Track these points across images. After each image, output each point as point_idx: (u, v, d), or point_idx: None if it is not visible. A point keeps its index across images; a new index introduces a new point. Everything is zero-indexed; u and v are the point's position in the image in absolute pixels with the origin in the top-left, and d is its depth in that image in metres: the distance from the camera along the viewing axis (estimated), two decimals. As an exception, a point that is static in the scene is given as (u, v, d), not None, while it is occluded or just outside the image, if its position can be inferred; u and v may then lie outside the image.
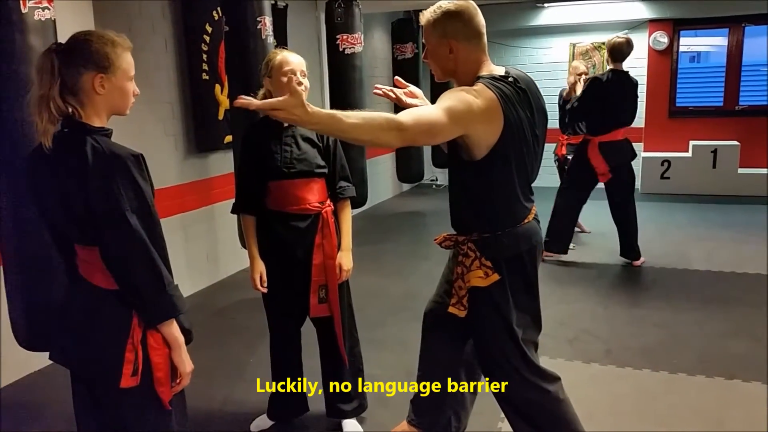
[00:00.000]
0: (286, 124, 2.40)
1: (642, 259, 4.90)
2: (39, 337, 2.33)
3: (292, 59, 2.35)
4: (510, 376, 1.94)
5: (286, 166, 2.38)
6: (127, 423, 1.63)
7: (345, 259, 2.47)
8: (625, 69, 4.72)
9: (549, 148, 3.33)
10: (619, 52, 4.63)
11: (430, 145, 2.08)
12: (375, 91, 2.00)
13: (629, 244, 4.89)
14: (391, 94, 1.98)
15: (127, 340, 1.56)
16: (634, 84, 4.78)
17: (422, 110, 1.71)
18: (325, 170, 2.45)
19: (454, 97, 1.71)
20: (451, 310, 1.93)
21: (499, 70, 1.86)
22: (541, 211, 2.11)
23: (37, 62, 1.58)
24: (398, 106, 2.08)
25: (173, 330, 1.60)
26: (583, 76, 5.30)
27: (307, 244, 2.41)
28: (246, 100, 1.50)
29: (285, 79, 2.28)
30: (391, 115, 1.62)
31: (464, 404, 2.22)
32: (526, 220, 1.92)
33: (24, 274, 2.31)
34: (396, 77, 2.06)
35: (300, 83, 2.32)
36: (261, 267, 2.44)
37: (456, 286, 1.93)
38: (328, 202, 2.47)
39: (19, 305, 2.35)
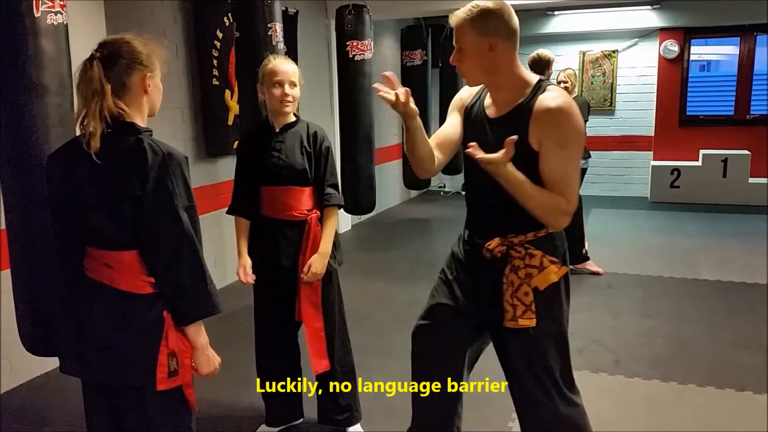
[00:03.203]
0: (277, 130, 2.42)
1: (592, 267, 4.89)
2: (46, 343, 2.33)
3: (282, 68, 2.35)
4: (550, 391, 1.87)
5: (274, 173, 2.40)
6: (153, 426, 1.64)
7: (317, 262, 2.41)
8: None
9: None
10: (530, 66, 4.69)
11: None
12: (379, 95, 1.81)
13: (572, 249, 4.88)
14: (391, 98, 1.80)
15: (160, 344, 1.58)
16: None
17: (572, 179, 1.78)
18: (312, 177, 2.43)
19: (581, 135, 1.80)
20: (522, 323, 1.80)
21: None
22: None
23: (81, 72, 1.58)
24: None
25: (202, 331, 1.65)
26: (561, 85, 5.30)
27: (293, 251, 2.43)
28: (474, 150, 1.72)
29: (276, 90, 2.33)
30: (559, 198, 1.74)
31: (461, 408, 2.17)
32: None
33: (32, 279, 2.31)
34: (385, 73, 1.89)
35: (287, 94, 2.35)
36: (246, 261, 2.48)
37: (521, 294, 1.81)
38: (315, 209, 2.46)
39: (26, 310, 2.35)
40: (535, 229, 1.83)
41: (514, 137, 1.66)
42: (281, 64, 2.38)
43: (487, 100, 1.91)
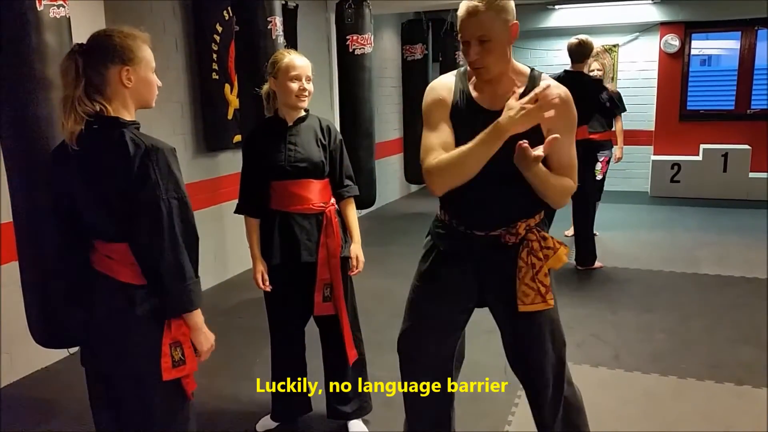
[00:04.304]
0: (290, 124, 2.41)
1: (598, 263, 4.89)
2: (55, 335, 2.34)
3: (299, 63, 2.36)
4: (563, 374, 1.94)
5: (290, 166, 2.39)
6: (155, 417, 1.66)
7: (359, 252, 2.54)
8: (582, 70, 4.71)
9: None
10: (572, 53, 4.67)
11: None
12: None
13: (585, 250, 4.86)
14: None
15: (162, 334, 1.59)
16: (588, 83, 4.64)
17: (574, 159, 1.83)
18: (328, 170, 2.46)
19: (576, 122, 1.82)
20: (544, 306, 1.82)
21: None
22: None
23: (62, 65, 1.61)
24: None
25: (193, 316, 1.64)
26: (596, 72, 5.41)
27: (311, 244, 2.42)
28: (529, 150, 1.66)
29: (294, 85, 2.32)
30: (569, 181, 1.81)
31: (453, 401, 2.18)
32: None
33: (40, 272, 2.31)
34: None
35: (304, 89, 2.36)
36: (262, 266, 2.46)
37: (542, 275, 1.81)
38: (332, 201, 2.48)
39: (35, 303, 2.36)
40: (537, 212, 1.88)
41: (556, 136, 1.65)
42: (298, 59, 2.37)
43: (475, 93, 1.83)
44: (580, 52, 4.64)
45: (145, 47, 1.63)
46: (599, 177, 5.60)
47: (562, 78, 4.63)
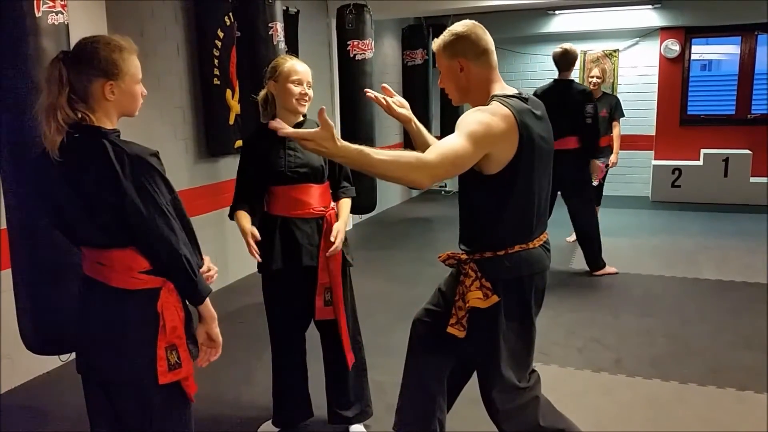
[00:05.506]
0: None
1: (608, 269, 4.86)
2: (47, 342, 2.33)
3: (300, 68, 2.38)
4: (491, 394, 1.94)
5: (290, 171, 2.39)
6: (154, 421, 1.65)
7: (342, 228, 2.46)
8: (571, 78, 4.68)
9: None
10: (557, 61, 4.64)
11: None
12: (368, 94, 2.01)
13: (591, 255, 4.86)
14: (382, 101, 2.00)
15: (156, 338, 1.59)
16: (578, 92, 4.61)
17: (445, 144, 1.70)
18: (327, 174, 2.47)
19: (473, 121, 1.74)
20: (450, 330, 1.91)
21: (511, 90, 1.89)
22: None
23: (46, 71, 1.60)
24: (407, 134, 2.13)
25: (209, 305, 1.69)
26: (595, 79, 5.40)
27: (312, 248, 2.43)
28: (278, 124, 1.59)
29: (296, 89, 2.34)
30: (419, 154, 1.67)
31: (444, 409, 2.19)
32: (532, 244, 1.90)
33: (32, 279, 2.31)
34: (383, 84, 2.06)
35: (305, 93, 2.37)
36: (254, 230, 2.38)
37: (456, 306, 1.91)
38: (332, 205, 2.49)
39: (27, 310, 2.36)
40: (485, 249, 1.88)
41: (323, 107, 1.60)
42: (299, 64, 2.39)
43: None
44: (565, 61, 4.62)
45: (131, 59, 1.61)
46: (596, 182, 5.60)
47: (551, 87, 4.63)
